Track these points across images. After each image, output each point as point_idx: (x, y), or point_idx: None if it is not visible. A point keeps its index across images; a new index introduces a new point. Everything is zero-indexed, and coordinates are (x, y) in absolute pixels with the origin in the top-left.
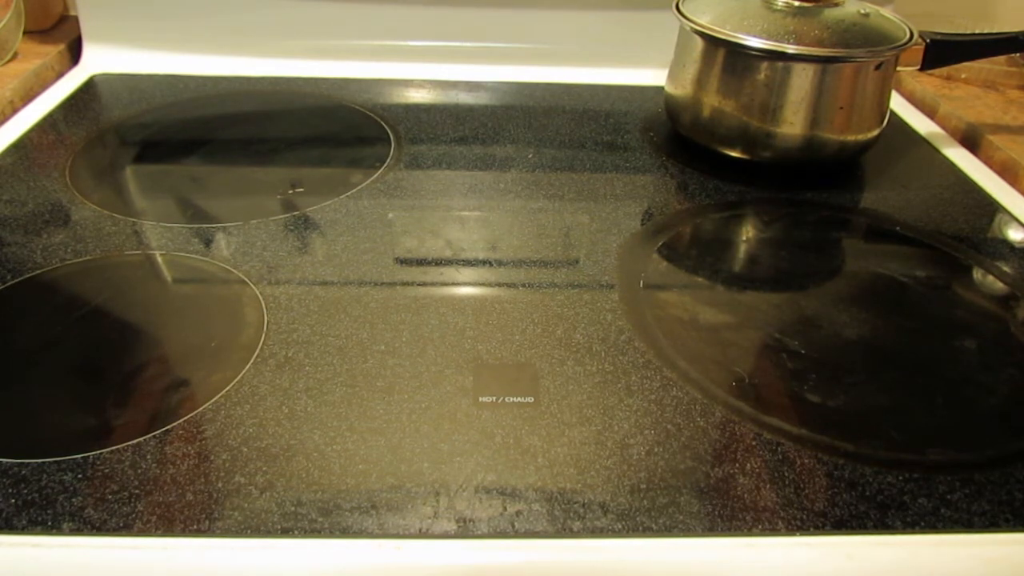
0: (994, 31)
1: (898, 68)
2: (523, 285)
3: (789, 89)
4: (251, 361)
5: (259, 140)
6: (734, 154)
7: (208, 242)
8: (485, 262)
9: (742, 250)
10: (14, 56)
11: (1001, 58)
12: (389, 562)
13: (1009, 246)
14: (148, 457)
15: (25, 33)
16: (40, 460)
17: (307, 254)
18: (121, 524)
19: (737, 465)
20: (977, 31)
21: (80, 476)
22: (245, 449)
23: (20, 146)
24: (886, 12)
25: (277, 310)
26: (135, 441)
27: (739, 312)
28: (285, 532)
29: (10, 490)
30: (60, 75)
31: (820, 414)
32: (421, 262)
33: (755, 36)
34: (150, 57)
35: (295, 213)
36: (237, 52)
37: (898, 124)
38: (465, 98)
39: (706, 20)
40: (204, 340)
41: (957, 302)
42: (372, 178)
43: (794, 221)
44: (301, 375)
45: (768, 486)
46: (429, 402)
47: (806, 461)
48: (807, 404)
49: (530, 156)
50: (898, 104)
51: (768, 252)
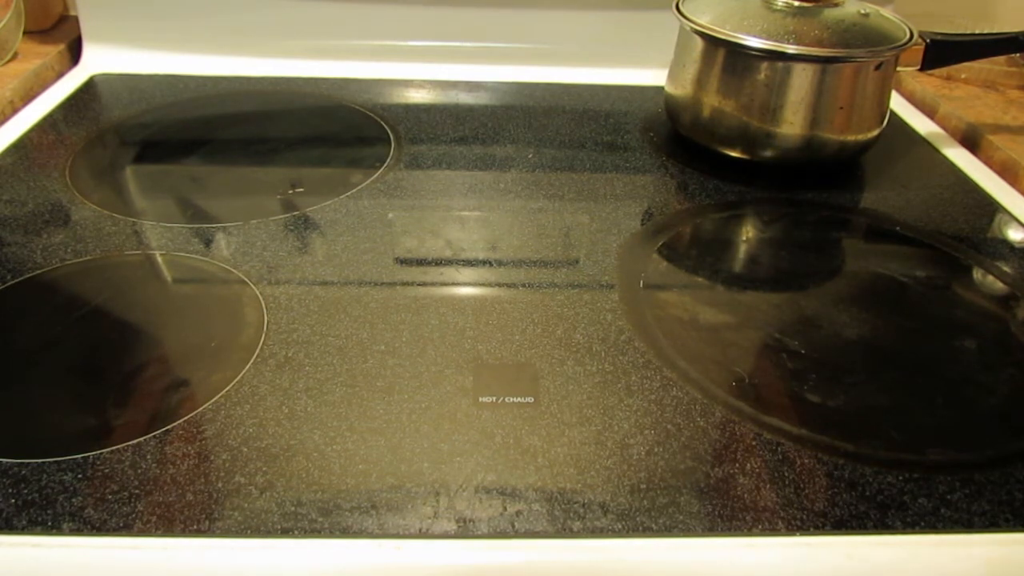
0: (994, 31)
1: (898, 68)
2: (523, 285)
3: (789, 89)
4: (251, 361)
5: (259, 140)
6: (734, 154)
7: (208, 242)
8: (485, 262)
9: (742, 250)
10: (14, 56)
11: (1001, 58)
12: (389, 562)
13: (1009, 246)
14: (148, 457)
15: (25, 33)
16: (40, 460)
17: (307, 254)
18: (121, 524)
19: (737, 465)
20: (977, 31)
21: (80, 476)
22: (245, 449)
23: (20, 146)
24: (886, 12)
25: (277, 310)
26: (135, 441)
27: (739, 312)
28: (285, 532)
29: (10, 490)
30: (60, 75)
31: (820, 414)
32: (421, 262)
33: (755, 36)
34: (150, 57)
35: (295, 213)
36: (237, 52)
37: (898, 124)
38: (465, 98)
39: (706, 20)
40: (204, 340)
41: (957, 302)
42: (372, 178)
43: (794, 221)
44: (301, 375)
45: (768, 486)
46: (429, 402)
47: (806, 461)
48: (807, 404)
49: (530, 156)
50: (898, 104)
51: (768, 252)
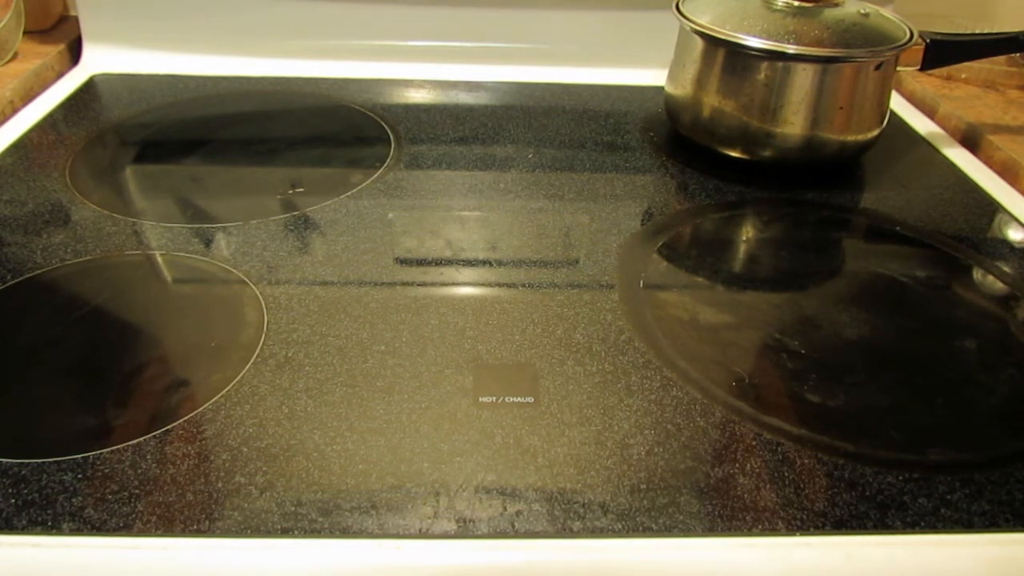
0: (994, 31)
1: (898, 68)
2: (523, 285)
3: (789, 89)
4: (251, 361)
5: (259, 140)
6: (734, 154)
7: (208, 242)
8: (485, 262)
9: (742, 250)
10: (14, 56)
11: (1001, 58)
12: (389, 562)
13: (1009, 246)
14: (148, 457)
15: (25, 33)
16: (40, 460)
17: (307, 254)
18: (121, 524)
19: (737, 465)
20: (977, 31)
21: (80, 476)
22: (245, 449)
23: (20, 146)
24: (886, 12)
25: (277, 310)
26: (135, 441)
27: (739, 312)
28: (285, 532)
29: (10, 490)
30: (60, 75)
31: (820, 414)
32: (421, 262)
33: (755, 36)
34: (150, 57)
35: (295, 213)
36: (237, 52)
37: (898, 124)
38: (465, 98)
39: (706, 20)
40: (204, 340)
41: (957, 302)
42: (372, 178)
43: (794, 221)
44: (301, 375)
45: (768, 486)
46: (429, 402)
47: (806, 461)
48: (807, 404)
49: (530, 156)
50: (898, 104)
51: (768, 252)
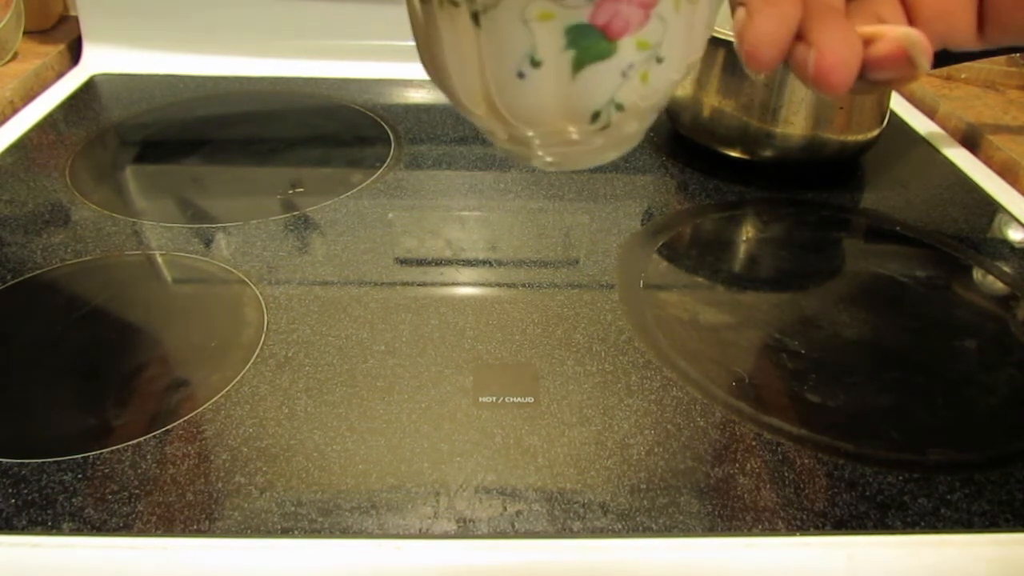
0: None
1: None
2: (523, 285)
3: (789, 89)
4: (251, 361)
5: (259, 140)
6: (734, 154)
7: (208, 242)
8: (485, 262)
9: (742, 250)
10: (14, 56)
11: (1001, 58)
12: (389, 562)
13: (1009, 246)
14: (148, 457)
15: (25, 33)
16: (40, 460)
17: (307, 254)
18: (121, 524)
19: (737, 465)
20: None
21: (80, 476)
22: (245, 449)
23: (20, 146)
24: None
25: (277, 310)
26: (135, 441)
27: (739, 312)
28: (285, 532)
29: (10, 490)
30: (60, 75)
31: (820, 414)
32: (421, 262)
33: None
34: (150, 57)
35: (295, 213)
36: (237, 52)
37: (898, 124)
38: None
39: None
40: (204, 340)
41: (957, 302)
42: (372, 178)
43: (794, 221)
44: (301, 375)
45: (768, 486)
46: (429, 402)
47: (806, 461)
48: (807, 404)
49: None
50: (898, 104)
51: (768, 252)
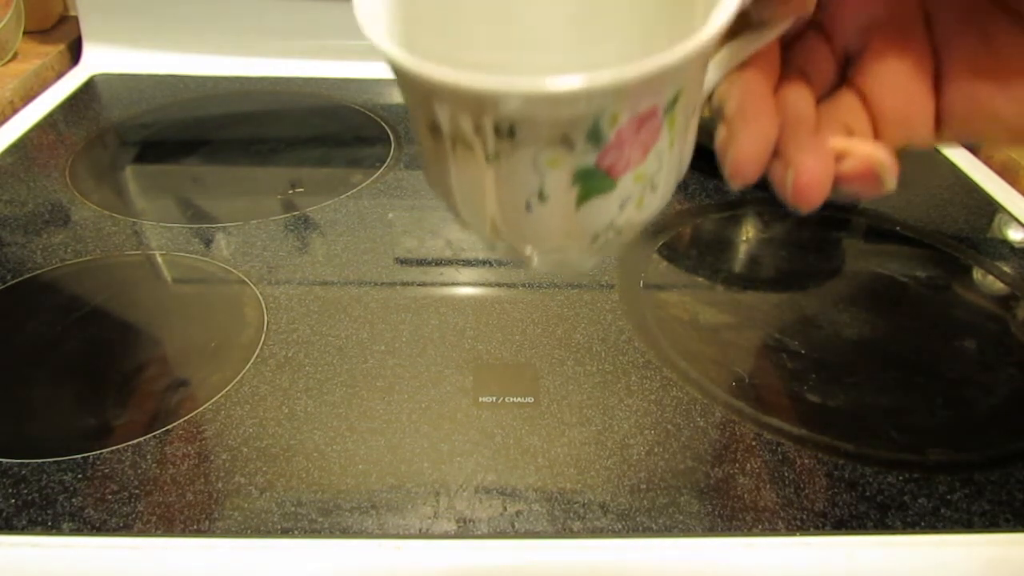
0: None
1: None
2: (523, 285)
3: None
4: (251, 361)
5: (259, 140)
6: None
7: (208, 242)
8: (485, 262)
9: (742, 250)
10: (14, 56)
11: None
12: (389, 562)
13: (1009, 246)
14: (148, 457)
15: (25, 33)
16: (40, 460)
17: (307, 254)
18: (121, 524)
19: (737, 465)
20: None
21: (80, 476)
22: (245, 449)
23: (20, 146)
24: None
25: (277, 310)
26: (135, 441)
27: (739, 312)
28: (285, 532)
29: (10, 490)
30: (60, 75)
31: (820, 414)
32: (421, 262)
33: None
34: (150, 57)
35: (295, 213)
36: (237, 52)
37: None
38: None
39: None
40: (204, 340)
41: (957, 302)
42: (372, 178)
43: (794, 221)
44: (301, 375)
45: (768, 486)
46: (429, 402)
47: (806, 461)
48: (807, 404)
49: None
50: None
51: (768, 252)
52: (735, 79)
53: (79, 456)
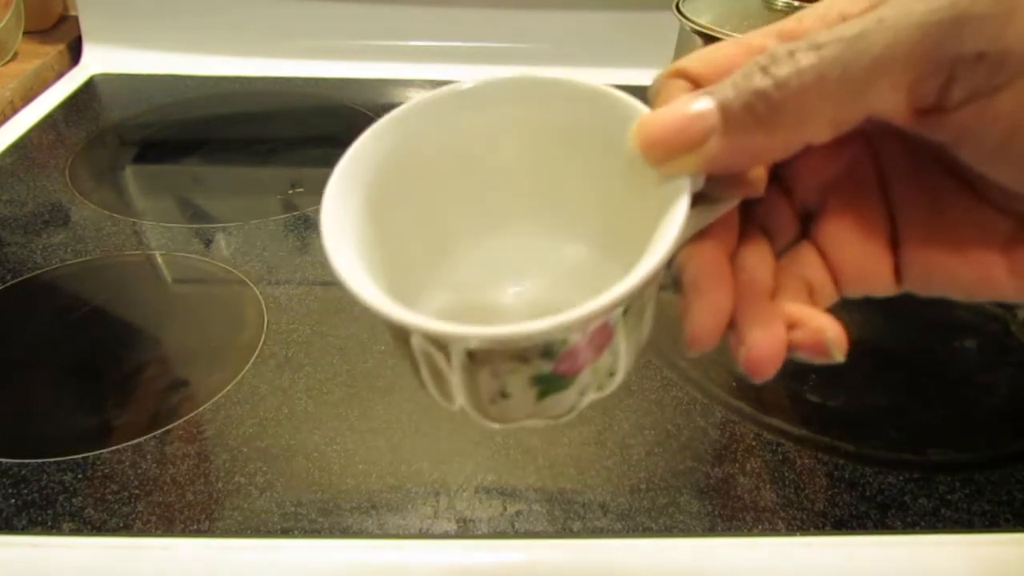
0: None
1: None
2: None
3: None
4: (251, 361)
5: (259, 140)
6: None
7: (208, 242)
8: None
9: None
10: (14, 56)
11: None
12: (389, 562)
13: None
14: (148, 457)
15: (25, 33)
16: (40, 460)
17: (307, 254)
18: (121, 524)
19: (737, 465)
20: None
21: (80, 476)
22: (245, 449)
23: (20, 146)
24: None
25: (277, 310)
26: (135, 441)
27: None
28: (285, 532)
29: (10, 490)
30: (60, 75)
31: (820, 414)
32: None
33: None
34: (150, 57)
35: (295, 213)
36: (237, 52)
37: None
38: None
39: (706, 20)
40: (204, 340)
41: (957, 302)
42: None
43: None
44: (301, 375)
45: (768, 486)
46: (429, 402)
47: (806, 461)
48: (807, 404)
49: None
50: None
51: None
52: (691, 250)
53: (79, 456)
